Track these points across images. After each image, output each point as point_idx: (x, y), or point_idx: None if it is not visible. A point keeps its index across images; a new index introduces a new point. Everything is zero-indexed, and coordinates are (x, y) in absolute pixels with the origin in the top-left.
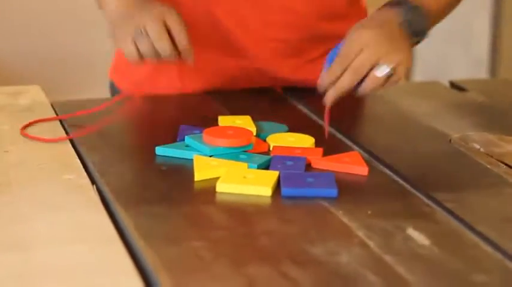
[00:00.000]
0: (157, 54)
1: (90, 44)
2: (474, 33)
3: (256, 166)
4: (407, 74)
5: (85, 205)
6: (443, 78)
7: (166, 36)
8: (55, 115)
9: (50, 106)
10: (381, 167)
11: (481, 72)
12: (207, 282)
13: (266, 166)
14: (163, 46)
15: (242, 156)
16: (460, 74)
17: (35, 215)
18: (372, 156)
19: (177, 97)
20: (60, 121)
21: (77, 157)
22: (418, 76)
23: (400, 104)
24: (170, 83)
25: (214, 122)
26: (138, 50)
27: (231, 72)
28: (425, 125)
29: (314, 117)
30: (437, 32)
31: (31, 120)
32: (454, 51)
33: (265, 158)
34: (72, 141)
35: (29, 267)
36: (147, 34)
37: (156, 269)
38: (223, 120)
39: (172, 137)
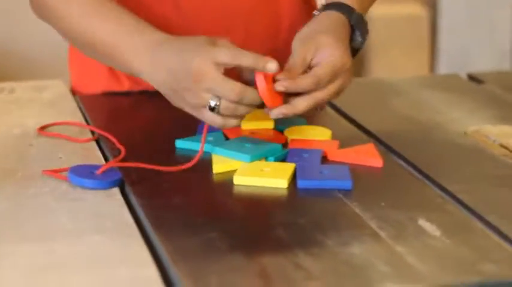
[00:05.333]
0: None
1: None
2: (497, 25)
3: (273, 158)
4: (431, 67)
5: (104, 196)
6: (467, 71)
7: (240, 89)
8: (78, 109)
9: (73, 100)
10: (396, 158)
11: (506, 64)
12: (223, 272)
13: (283, 159)
14: (249, 98)
15: None
16: (483, 66)
17: (57, 207)
18: (387, 148)
19: None
20: (84, 116)
21: (98, 150)
22: (442, 69)
23: (416, 96)
24: None
25: None
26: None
27: None
28: (441, 117)
29: (332, 110)
30: (460, 24)
31: (54, 114)
32: (477, 43)
33: (283, 151)
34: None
35: (51, 258)
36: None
37: (173, 260)
38: None
39: (192, 131)
